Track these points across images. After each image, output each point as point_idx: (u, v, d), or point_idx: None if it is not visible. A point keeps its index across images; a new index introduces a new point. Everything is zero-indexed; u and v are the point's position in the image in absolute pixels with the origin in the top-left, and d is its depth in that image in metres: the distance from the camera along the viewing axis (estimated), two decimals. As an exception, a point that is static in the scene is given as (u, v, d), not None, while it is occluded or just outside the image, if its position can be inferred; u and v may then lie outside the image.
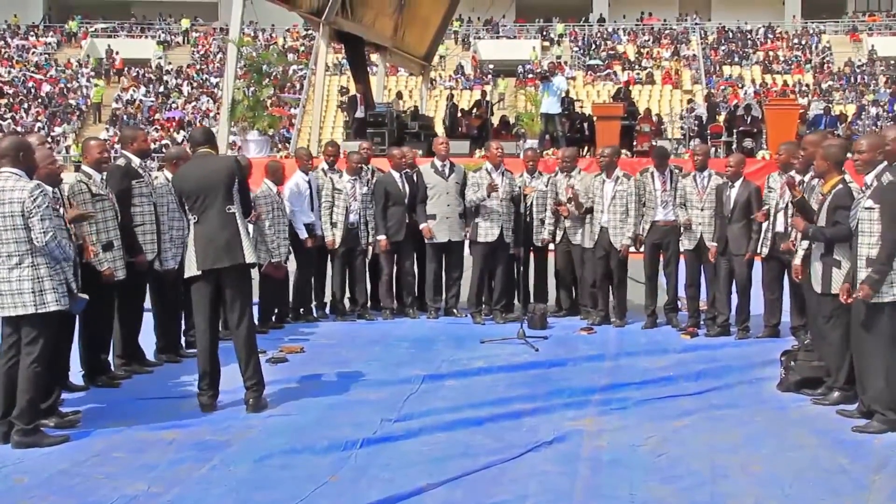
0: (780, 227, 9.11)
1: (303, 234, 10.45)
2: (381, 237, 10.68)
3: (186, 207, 7.15)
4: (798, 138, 17.36)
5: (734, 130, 20.73)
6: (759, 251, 9.48)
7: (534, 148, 13.00)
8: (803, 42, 49.67)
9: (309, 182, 10.57)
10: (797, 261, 7.54)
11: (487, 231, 10.55)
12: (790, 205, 8.27)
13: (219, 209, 6.89)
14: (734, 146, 19.67)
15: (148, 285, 8.52)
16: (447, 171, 10.85)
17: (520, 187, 10.43)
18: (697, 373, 8.18)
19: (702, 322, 10.12)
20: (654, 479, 5.45)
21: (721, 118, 22.73)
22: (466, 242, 10.88)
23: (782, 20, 53.20)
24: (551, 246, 11.11)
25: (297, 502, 5.07)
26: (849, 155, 7.06)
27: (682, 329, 10.06)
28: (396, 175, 10.85)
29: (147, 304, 8.63)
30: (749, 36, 50.94)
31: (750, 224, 9.43)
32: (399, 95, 31.52)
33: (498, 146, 10.87)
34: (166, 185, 8.35)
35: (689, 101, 27.39)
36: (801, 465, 5.70)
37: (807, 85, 43.01)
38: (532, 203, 10.80)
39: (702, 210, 9.85)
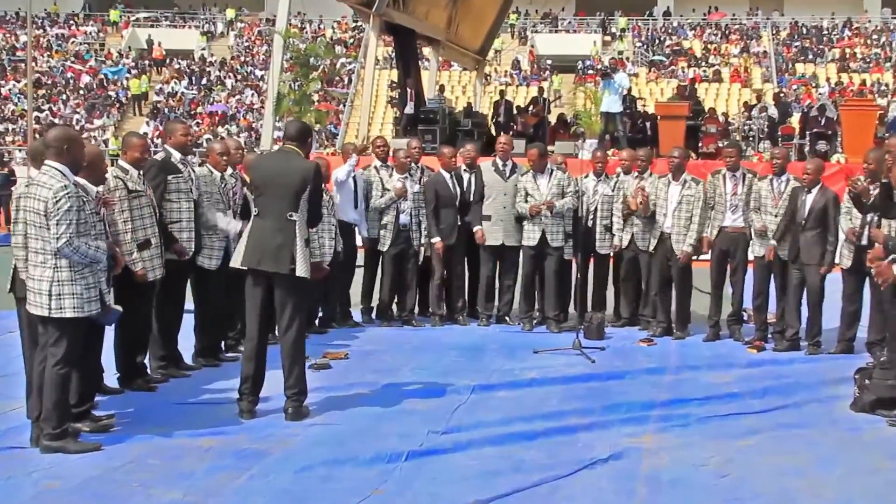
0: (865, 240, 8.79)
1: (364, 232, 10.64)
2: (437, 240, 10.68)
3: (252, 197, 7.21)
4: (877, 141, 17.15)
5: (807, 132, 20.49)
6: (839, 262, 9.34)
7: (604, 150, 12.81)
8: (883, 38, 48.95)
9: (354, 178, 10.57)
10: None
11: (529, 234, 10.54)
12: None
13: (280, 212, 6.88)
14: (807, 149, 19.45)
15: (189, 285, 8.59)
16: (507, 171, 10.81)
17: (578, 189, 10.40)
18: (764, 389, 8.09)
19: (769, 335, 10.02)
20: (717, 502, 5.41)
21: (795, 119, 22.48)
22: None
23: (861, 15, 52.48)
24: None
25: (339, 516, 5.09)
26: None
27: (748, 342, 9.97)
28: (447, 175, 10.84)
29: (188, 305, 8.69)
30: (825, 32, 50.36)
31: (825, 234, 9.32)
32: (441, 90, 30.31)
33: (533, 153, 10.69)
34: (209, 178, 8.51)
35: (748, 104, 26.94)
36: (875, 489, 5.62)
37: (886, 84, 42.33)
38: (596, 208, 10.75)
39: (775, 216, 9.72)
